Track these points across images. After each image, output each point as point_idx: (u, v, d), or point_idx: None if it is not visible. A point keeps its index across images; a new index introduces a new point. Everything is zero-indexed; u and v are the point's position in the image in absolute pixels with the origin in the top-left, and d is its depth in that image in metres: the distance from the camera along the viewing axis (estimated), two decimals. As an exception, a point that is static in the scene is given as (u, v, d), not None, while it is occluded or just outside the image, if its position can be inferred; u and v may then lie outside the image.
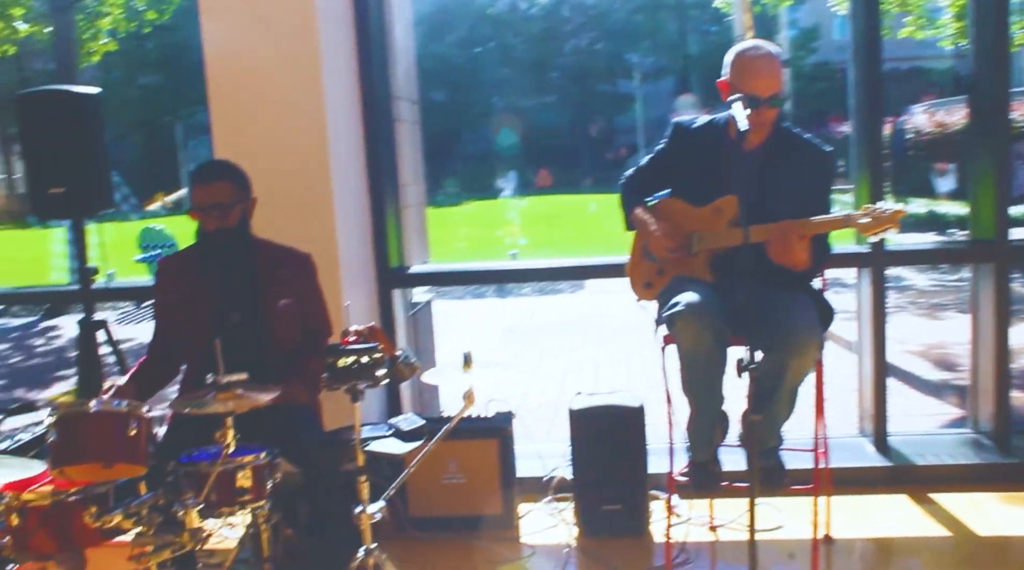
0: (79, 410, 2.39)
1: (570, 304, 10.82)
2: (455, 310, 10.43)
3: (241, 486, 2.67)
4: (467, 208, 23.11)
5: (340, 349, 2.68)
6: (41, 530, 2.54)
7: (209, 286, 3.18)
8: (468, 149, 32.14)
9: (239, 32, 3.93)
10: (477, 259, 12.28)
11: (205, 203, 3.08)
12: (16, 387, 7.91)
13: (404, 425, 2.84)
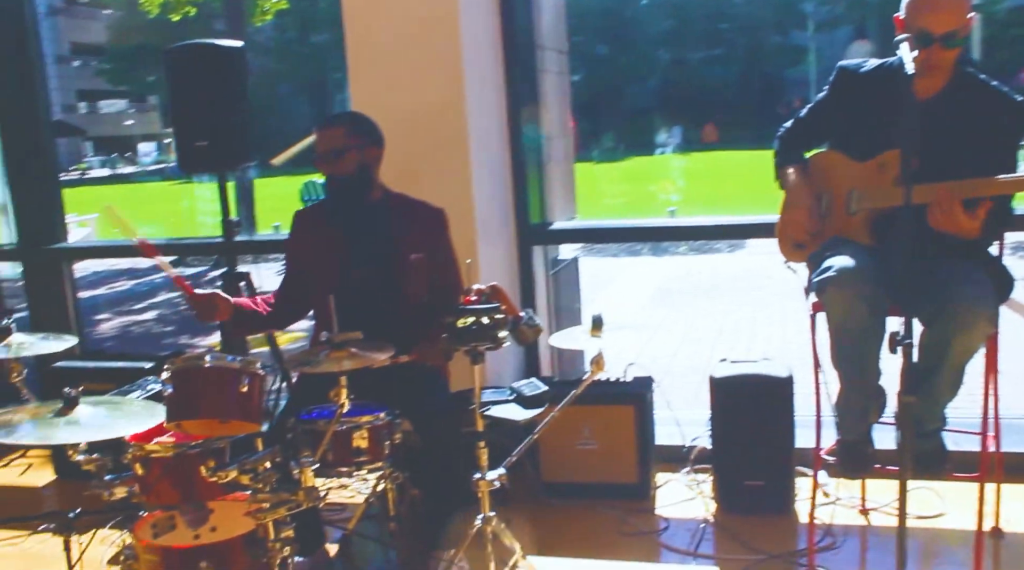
0: (194, 365, 2.37)
1: (728, 264, 10.42)
2: (608, 268, 10.24)
3: (357, 446, 2.61)
4: (626, 164, 22.74)
5: (460, 309, 2.56)
6: (164, 480, 2.56)
7: (338, 239, 3.14)
8: (631, 103, 31.61)
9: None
10: (632, 216, 12.01)
11: (321, 149, 3.05)
12: (183, 333, 8.31)
13: (526, 390, 2.71)
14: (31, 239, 5.03)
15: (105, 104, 44.44)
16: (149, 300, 10.69)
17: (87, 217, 13.70)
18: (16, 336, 2.82)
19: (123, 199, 20.66)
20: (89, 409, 2.48)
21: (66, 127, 38.95)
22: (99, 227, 13.46)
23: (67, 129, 39.00)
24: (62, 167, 37.69)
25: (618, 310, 7.99)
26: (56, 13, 42.17)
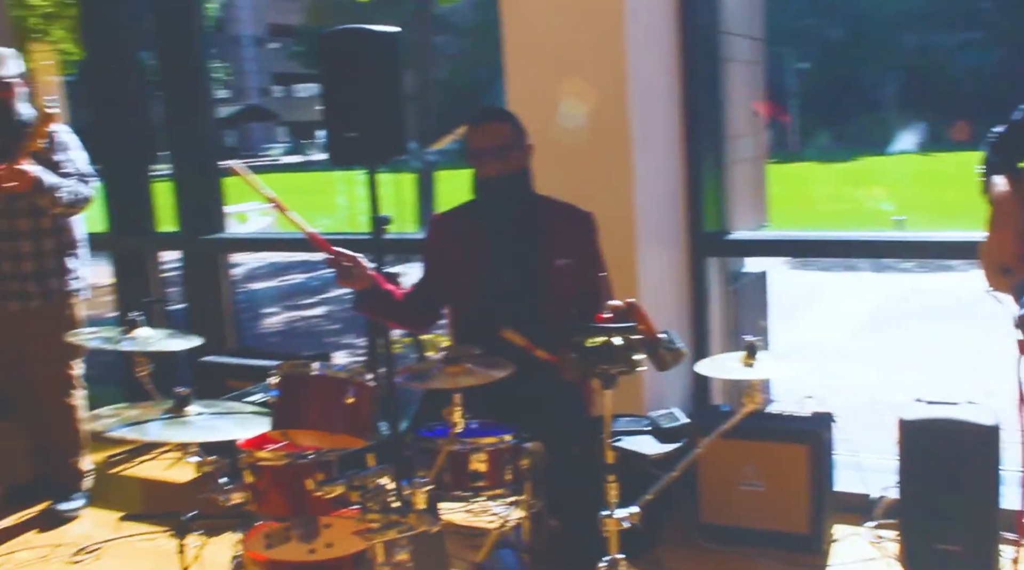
0: (300, 372, 2.45)
1: (960, 285, 9.80)
2: (819, 283, 9.86)
3: (475, 470, 2.63)
4: (855, 165, 21.83)
5: (590, 327, 2.52)
6: (274, 490, 2.67)
7: (483, 241, 3.18)
8: (866, 95, 30.33)
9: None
10: (853, 225, 11.52)
11: (484, 145, 3.07)
12: (348, 332, 8.66)
13: (664, 422, 2.63)
14: (191, 229, 5.38)
15: (299, 88, 46.95)
16: (320, 296, 11.20)
17: (270, 205, 14.47)
18: (143, 330, 3.01)
19: (303, 187, 21.73)
20: (201, 410, 2.62)
21: (259, 111, 41.59)
22: (280, 218, 14.23)
23: (260, 113, 41.63)
24: (253, 152, 40.17)
25: (822, 332, 7.68)
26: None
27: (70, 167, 4.06)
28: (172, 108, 5.39)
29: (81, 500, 4.23)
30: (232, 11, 41.87)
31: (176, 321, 5.69)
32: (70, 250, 4.22)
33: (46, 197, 3.90)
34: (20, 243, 4.08)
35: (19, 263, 4.09)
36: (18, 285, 4.09)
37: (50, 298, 4.14)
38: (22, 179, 3.79)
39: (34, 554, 3.81)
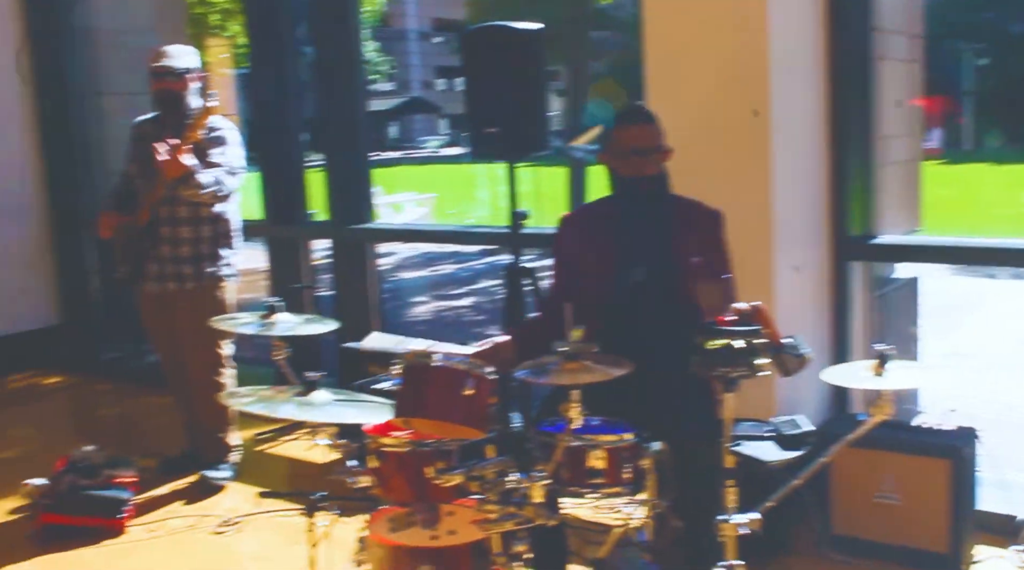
0: (422, 362, 2.51)
1: None
2: (980, 290, 9.40)
3: (592, 467, 2.63)
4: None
5: (712, 328, 2.49)
6: (397, 476, 2.75)
7: (617, 240, 3.18)
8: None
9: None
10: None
11: (637, 145, 3.07)
12: (494, 323, 8.75)
13: (786, 428, 2.58)
14: (340, 218, 5.56)
15: (462, 81, 47.49)
16: (468, 286, 11.39)
17: (425, 197, 14.82)
18: (282, 315, 3.14)
19: (460, 179, 22.08)
20: (327, 395, 2.72)
21: (422, 104, 42.50)
22: (435, 208, 14.54)
23: (423, 106, 42.53)
24: (413, 144, 41.01)
25: (980, 342, 7.31)
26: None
27: (220, 159, 4.26)
28: (327, 100, 5.57)
29: (228, 472, 4.45)
30: (398, 6, 42.86)
31: (324, 307, 5.89)
32: (225, 237, 4.44)
33: (191, 188, 4.11)
34: (180, 229, 4.33)
35: (178, 247, 4.33)
36: (175, 268, 4.34)
37: (203, 281, 4.37)
38: (176, 166, 4.01)
39: (183, 523, 4.03)
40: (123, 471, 4.23)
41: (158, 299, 4.43)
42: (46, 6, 6.84)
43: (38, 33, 6.84)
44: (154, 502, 4.27)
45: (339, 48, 5.51)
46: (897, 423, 3.65)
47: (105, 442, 4.54)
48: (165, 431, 4.95)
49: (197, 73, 4.37)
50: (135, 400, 5.78)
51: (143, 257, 4.38)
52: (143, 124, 4.48)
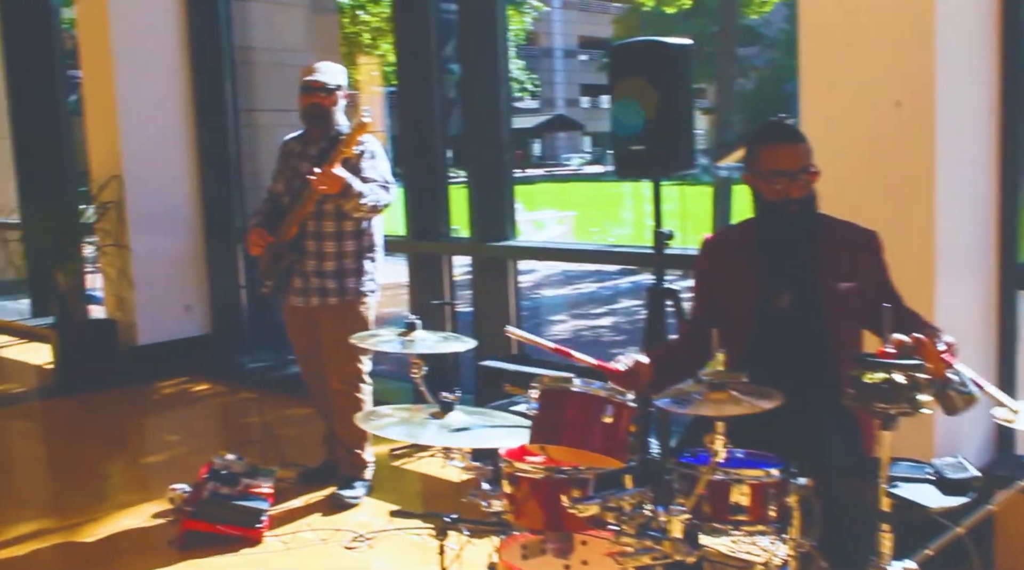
0: (560, 387, 2.43)
1: None
2: None
3: (736, 503, 2.49)
4: None
5: (870, 360, 2.32)
6: (531, 502, 2.66)
7: (762, 264, 3.04)
8: None
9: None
10: None
11: (786, 166, 2.91)
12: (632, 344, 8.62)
13: (949, 472, 2.38)
14: (481, 234, 5.54)
15: (605, 99, 47.50)
16: (609, 305, 11.26)
17: (566, 214, 14.77)
18: (419, 332, 3.11)
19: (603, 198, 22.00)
20: (463, 417, 2.66)
21: (565, 122, 42.56)
22: (577, 226, 14.48)
23: (566, 124, 42.59)
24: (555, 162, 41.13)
25: None
26: (569, 7, 46.12)
27: (374, 173, 4.29)
28: (472, 118, 5.57)
29: (362, 489, 4.45)
30: (544, 24, 43.08)
31: (464, 323, 5.88)
32: (368, 253, 4.45)
33: (351, 201, 4.15)
34: (324, 244, 4.36)
35: (322, 262, 4.36)
36: (319, 282, 4.37)
37: (345, 297, 4.38)
38: (333, 182, 4.05)
39: (316, 536, 4.05)
40: (262, 481, 4.28)
41: (302, 313, 4.47)
42: (207, 26, 7.08)
43: (199, 52, 7.08)
44: (290, 513, 4.31)
45: (485, 67, 5.52)
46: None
47: (247, 451, 4.62)
48: (306, 441, 5.01)
49: (346, 91, 4.41)
50: (278, 410, 5.88)
51: (288, 272, 4.43)
52: (290, 142, 4.55)
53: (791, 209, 2.92)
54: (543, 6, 35.47)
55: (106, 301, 7.25)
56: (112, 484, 4.91)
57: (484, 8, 5.52)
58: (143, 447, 5.74)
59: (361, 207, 4.20)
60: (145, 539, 4.12)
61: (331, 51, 8.33)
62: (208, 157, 7.15)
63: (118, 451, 5.56)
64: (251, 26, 7.52)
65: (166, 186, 7.04)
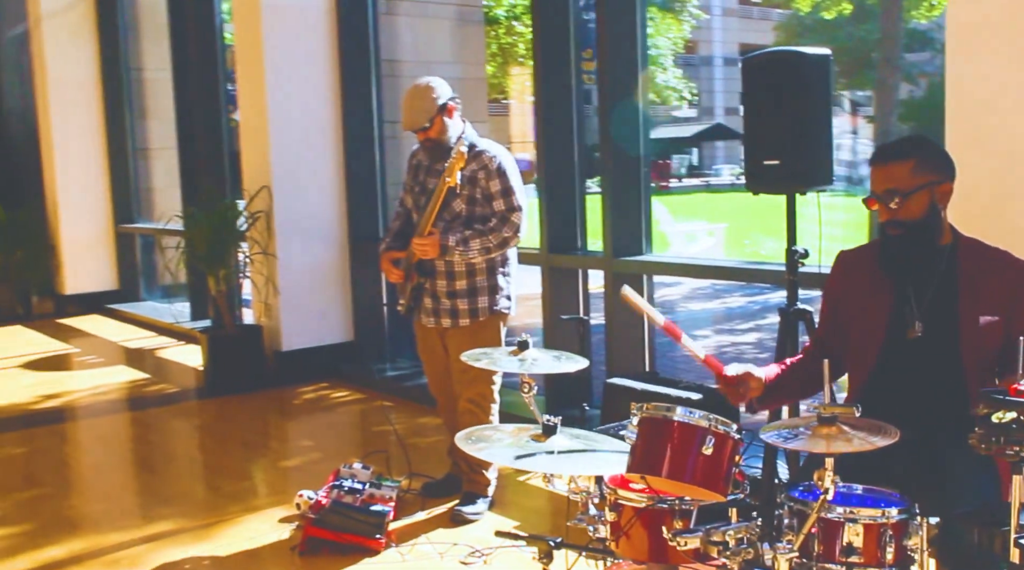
0: (661, 416, 2.34)
1: None
2: None
3: (850, 543, 2.34)
4: None
5: (1001, 398, 2.14)
6: (633, 531, 2.58)
7: (890, 287, 2.87)
8: None
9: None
10: None
11: (876, 189, 2.79)
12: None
13: (1087, 522, 2.16)
14: (615, 248, 5.45)
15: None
16: (755, 321, 10.94)
17: (717, 226, 14.47)
18: (532, 351, 3.06)
19: (759, 209, 21.46)
20: (565, 441, 2.60)
21: (723, 131, 41.74)
22: (728, 238, 14.15)
23: (724, 133, 41.76)
24: (714, 172, 40.50)
25: None
26: (729, 14, 45.36)
27: (501, 202, 4.27)
28: (607, 130, 5.50)
29: (483, 505, 4.43)
30: (704, 32, 42.48)
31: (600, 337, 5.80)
32: (502, 267, 4.40)
33: (453, 255, 4.20)
34: (454, 262, 4.30)
35: (453, 281, 4.32)
36: (451, 303, 4.33)
37: (477, 318, 4.34)
38: (429, 248, 4.17)
39: (433, 549, 4.05)
40: (386, 491, 4.32)
41: (432, 333, 4.47)
42: (356, 40, 7.25)
43: (347, 66, 7.25)
44: (412, 525, 4.33)
45: (623, 77, 5.44)
46: None
47: (374, 460, 4.69)
48: (436, 452, 5.04)
49: (449, 104, 4.31)
50: (412, 418, 5.95)
51: (419, 291, 4.41)
52: (418, 152, 4.52)
53: (891, 231, 2.79)
54: (702, 14, 34.97)
55: (254, 307, 7.52)
56: (246, 486, 5.05)
57: (623, 17, 5.44)
58: (279, 451, 5.90)
59: (470, 258, 4.23)
60: (269, 543, 4.21)
61: (477, 62, 8.41)
62: (353, 168, 7.32)
63: (256, 454, 5.73)
64: (397, 39, 7.66)
65: (312, 196, 7.25)
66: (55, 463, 5.62)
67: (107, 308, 10.64)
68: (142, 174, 10.96)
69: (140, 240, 10.76)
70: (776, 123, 3.86)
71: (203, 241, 7.22)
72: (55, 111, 10.52)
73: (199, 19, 8.68)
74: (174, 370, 8.00)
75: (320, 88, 7.28)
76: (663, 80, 29.83)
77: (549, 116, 5.83)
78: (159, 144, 10.73)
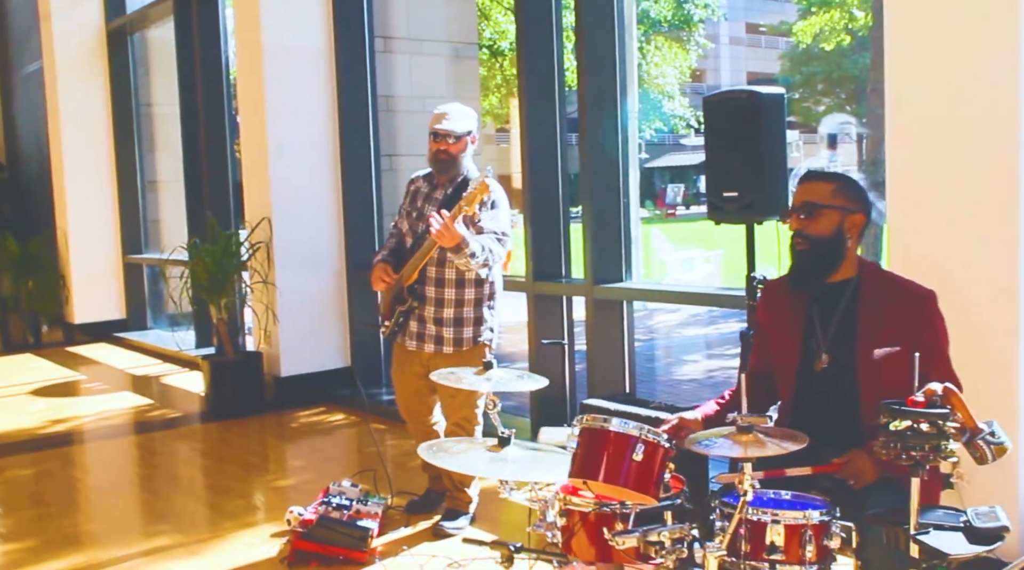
0: (599, 426, 2.58)
1: None
2: None
3: (772, 542, 2.58)
4: None
5: (898, 409, 2.39)
6: (580, 534, 2.82)
7: (802, 319, 3.11)
8: None
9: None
10: None
11: (797, 202, 3.04)
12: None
13: (979, 521, 2.39)
14: (594, 276, 5.71)
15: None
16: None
17: (713, 253, 14.68)
18: (496, 371, 3.31)
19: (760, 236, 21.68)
20: (518, 451, 2.85)
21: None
22: (724, 264, 14.37)
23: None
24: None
25: None
26: (736, 43, 45.80)
27: (492, 224, 4.41)
28: (588, 159, 5.73)
29: (465, 521, 4.66)
30: (712, 61, 42.92)
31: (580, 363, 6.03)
32: (489, 300, 4.60)
33: (462, 258, 4.21)
34: (445, 290, 4.50)
35: (441, 309, 4.52)
36: (436, 330, 4.53)
37: (460, 348, 4.54)
38: (452, 237, 4.09)
39: (414, 561, 4.28)
40: (372, 507, 4.56)
41: (413, 356, 4.62)
42: (354, 77, 7.56)
43: (346, 102, 7.56)
44: (397, 539, 4.56)
45: (604, 106, 5.68)
46: None
47: (363, 479, 4.94)
48: (420, 471, 5.27)
49: (474, 135, 4.54)
50: (405, 440, 6.19)
51: (407, 315, 4.59)
52: (418, 179, 4.73)
53: (797, 245, 3.02)
54: (709, 43, 35.31)
55: (254, 334, 7.80)
56: (241, 505, 5.29)
57: (604, 45, 5.69)
58: (276, 472, 6.14)
59: (471, 265, 4.28)
60: (260, 556, 4.45)
61: (472, 97, 8.71)
62: (351, 199, 7.61)
63: (253, 475, 5.97)
64: (394, 76, 7.97)
65: (311, 227, 7.54)
66: (60, 484, 5.87)
67: (115, 336, 10.96)
68: (151, 206, 11.31)
69: (147, 270, 11.08)
70: (734, 157, 4.13)
71: (205, 271, 7.50)
72: (67, 145, 10.90)
73: (206, 56, 9.03)
74: (177, 396, 8.28)
75: (319, 123, 7.59)
76: (670, 109, 30.06)
77: (534, 146, 6.08)
78: (167, 177, 11.07)
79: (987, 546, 2.34)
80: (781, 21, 32.84)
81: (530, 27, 6.08)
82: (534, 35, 6.09)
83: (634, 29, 6.32)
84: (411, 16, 8.10)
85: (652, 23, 29.69)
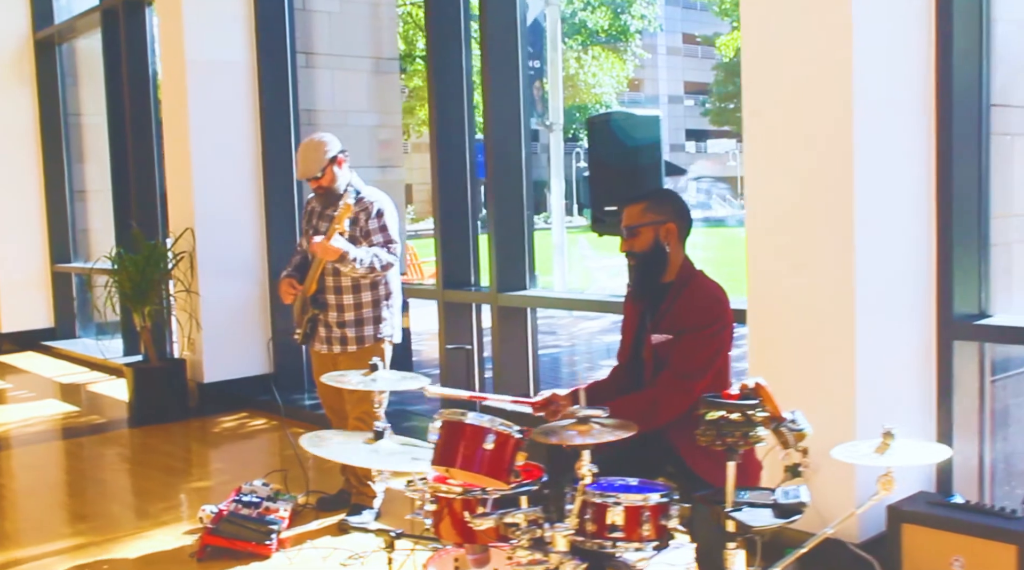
0: (456, 419, 2.90)
1: None
2: None
3: (612, 522, 2.90)
4: None
5: (712, 401, 2.74)
6: (447, 519, 3.13)
7: (638, 317, 3.57)
8: None
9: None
10: None
11: (622, 226, 3.50)
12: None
13: (783, 498, 2.75)
14: (500, 284, 6.03)
15: (712, 144, 47.98)
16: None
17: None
18: (382, 372, 3.62)
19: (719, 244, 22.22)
20: (393, 445, 3.16)
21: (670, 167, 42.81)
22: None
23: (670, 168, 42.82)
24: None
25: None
26: (673, 53, 46.62)
27: (378, 235, 4.81)
28: (492, 169, 6.04)
29: (369, 516, 4.95)
30: (650, 71, 43.65)
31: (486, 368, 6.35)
32: (386, 300, 4.96)
33: (347, 266, 4.66)
34: (343, 296, 4.89)
35: (342, 313, 4.89)
36: (340, 332, 4.90)
37: (363, 344, 4.90)
38: (328, 253, 4.57)
39: (318, 554, 4.57)
40: (281, 504, 4.84)
41: (326, 358, 4.99)
42: (276, 92, 7.81)
43: (268, 115, 7.81)
44: (303, 534, 4.84)
45: (506, 116, 5.99)
46: (975, 506, 3.67)
47: (274, 478, 5.21)
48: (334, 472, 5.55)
49: (339, 158, 4.89)
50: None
51: (314, 323, 4.97)
52: (312, 200, 5.09)
53: (628, 261, 3.49)
54: (646, 54, 35.96)
55: (179, 341, 8.01)
56: (160, 506, 5.53)
57: (505, 55, 6.01)
58: (196, 474, 6.38)
59: (357, 272, 4.71)
60: (172, 552, 4.71)
61: (393, 110, 9.03)
62: (272, 210, 7.86)
63: (174, 478, 6.20)
64: (316, 90, 8.24)
65: (234, 236, 7.78)
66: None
67: (42, 345, 11.07)
68: (79, 215, 11.43)
69: (76, 279, 11.20)
70: (614, 174, 4.50)
71: (129, 280, 7.70)
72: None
73: (133, 67, 9.20)
74: (103, 403, 8.46)
75: (242, 136, 7.83)
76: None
77: (443, 157, 6.39)
78: (96, 186, 11.20)
79: (788, 519, 2.70)
80: (715, 32, 33.72)
81: (439, 39, 6.41)
82: (443, 48, 6.41)
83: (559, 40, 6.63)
84: (332, 32, 8.38)
85: (590, 33, 30.21)
